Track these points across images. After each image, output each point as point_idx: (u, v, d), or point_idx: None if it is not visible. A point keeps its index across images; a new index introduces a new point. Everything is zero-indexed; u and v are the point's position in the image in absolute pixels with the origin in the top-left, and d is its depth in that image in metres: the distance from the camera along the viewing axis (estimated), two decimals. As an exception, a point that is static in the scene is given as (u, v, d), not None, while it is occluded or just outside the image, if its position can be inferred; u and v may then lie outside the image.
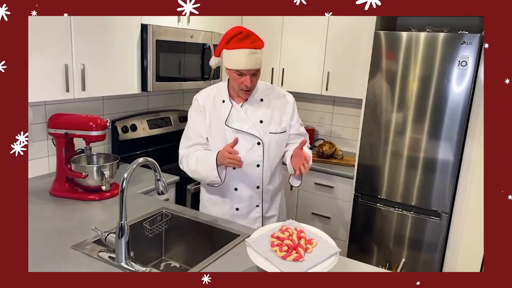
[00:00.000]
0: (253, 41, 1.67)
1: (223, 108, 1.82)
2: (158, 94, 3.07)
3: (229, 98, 1.83)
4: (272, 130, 1.82)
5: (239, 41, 1.66)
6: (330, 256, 1.34)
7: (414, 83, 2.57)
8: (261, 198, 1.89)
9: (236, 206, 1.88)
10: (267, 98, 1.84)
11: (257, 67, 1.70)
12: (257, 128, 1.79)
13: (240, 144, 1.73)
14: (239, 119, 1.80)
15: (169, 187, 2.07)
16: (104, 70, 2.23)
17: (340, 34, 2.96)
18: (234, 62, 1.68)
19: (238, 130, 1.78)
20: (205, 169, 1.75)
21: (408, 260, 2.77)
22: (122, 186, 1.34)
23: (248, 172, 1.82)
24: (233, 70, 1.70)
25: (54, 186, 2.03)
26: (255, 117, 1.81)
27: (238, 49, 1.65)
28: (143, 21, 2.40)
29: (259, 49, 1.69)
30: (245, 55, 1.65)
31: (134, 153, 2.81)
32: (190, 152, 1.84)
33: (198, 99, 1.87)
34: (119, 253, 1.39)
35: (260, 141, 1.80)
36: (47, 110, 2.28)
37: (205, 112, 1.84)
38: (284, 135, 1.87)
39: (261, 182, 1.86)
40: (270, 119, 1.82)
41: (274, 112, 1.84)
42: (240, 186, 1.86)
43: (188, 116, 1.91)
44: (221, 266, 1.43)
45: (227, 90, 1.84)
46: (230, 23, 3.16)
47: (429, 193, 2.64)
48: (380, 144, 2.73)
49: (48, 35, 1.91)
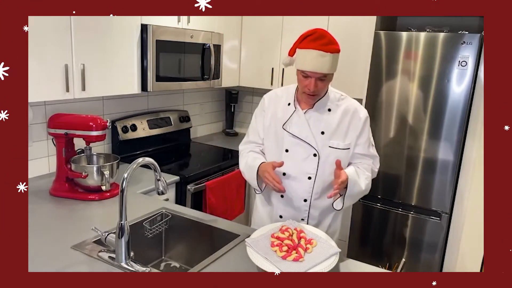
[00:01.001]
0: (326, 43, 1.56)
1: (286, 111, 1.73)
2: (158, 94, 3.07)
3: (295, 101, 1.73)
4: (333, 144, 1.68)
5: (311, 41, 1.57)
6: (330, 256, 1.34)
7: (414, 83, 2.57)
8: (308, 213, 1.75)
9: (280, 214, 1.79)
10: (335, 109, 1.70)
11: (323, 72, 1.57)
12: (316, 138, 1.67)
13: (295, 151, 1.69)
14: (299, 125, 1.69)
15: (169, 187, 2.07)
16: (104, 70, 2.22)
17: (340, 34, 2.94)
18: (300, 62, 1.60)
19: (295, 136, 1.69)
20: (249, 175, 1.75)
21: (408, 260, 2.77)
22: (122, 186, 1.34)
23: (297, 182, 1.71)
24: (300, 70, 1.62)
25: (54, 186, 2.03)
26: (317, 126, 1.68)
27: (308, 49, 1.57)
28: (143, 21, 2.40)
29: (331, 53, 1.56)
30: (312, 56, 1.56)
31: (134, 153, 2.81)
32: (245, 151, 1.84)
33: (265, 98, 1.83)
34: (119, 253, 1.39)
35: (317, 152, 1.68)
36: (47, 110, 2.28)
37: (268, 112, 1.78)
38: (346, 152, 1.70)
39: (309, 195, 1.72)
40: (334, 132, 1.68)
41: (340, 125, 1.69)
42: (286, 194, 1.75)
43: (254, 112, 1.89)
44: (221, 266, 1.43)
45: (295, 93, 1.75)
46: (230, 23, 3.16)
47: (429, 193, 2.64)
48: (380, 144, 2.73)
49: (48, 35, 1.91)
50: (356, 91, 2.93)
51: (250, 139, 1.87)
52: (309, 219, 1.76)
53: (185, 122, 3.23)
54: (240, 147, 1.91)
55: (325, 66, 1.56)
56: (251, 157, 1.78)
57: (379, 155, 1.84)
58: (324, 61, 1.55)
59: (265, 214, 1.87)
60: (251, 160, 1.77)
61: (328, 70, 1.58)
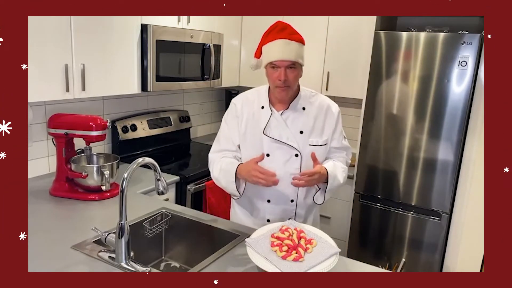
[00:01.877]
0: (290, 33, 1.58)
1: (262, 115, 1.70)
2: (158, 94, 3.07)
3: (269, 104, 1.71)
4: (313, 142, 1.70)
5: (276, 33, 1.57)
6: (330, 256, 1.34)
7: (414, 83, 2.57)
8: (295, 212, 1.76)
9: (268, 218, 1.78)
10: (309, 107, 1.71)
11: (290, 58, 1.56)
12: (297, 139, 1.68)
13: (276, 154, 1.67)
14: (278, 128, 1.68)
15: (169, 187, 2.06)
16: (104, 70, 2.23)
17: (340, 34, 2.96)
18: (267, 56, 1.59)
19: (277, 140, 1.67)
20: (226, 180, 1.69)
21: (408, 260, 2.76)
22: (122, 186, 1.34)
23: (283, 184, 1.68)
24: (268, 65, 1.60)
25: (54, 186, 2.03)
26: (295, 127, 1.69)
27: (273, 40, 1.57)
28: (143, 21, 2.40)
29: (296, 42, 1.57)
30: (278, 46, 1.56)
31: (134, 153, 2.81)
32: (217, 159, 1.76)
33: (236, 103, 1.77)
34: (119, 253, 1.39)
35: (299, 153, 1.68)
36: (47, 110, 2.28)
37: (242, 118, 1.73)
38: (324, 148, 1.73)
39: (295, 196, 1.74)
40: (311, 130, 1.70)
41: (316, 122, 1.71)
42: (273, 198, 1.74)
43: (223, 118, 1.82)
44: (221, 266, 1.43)
45: (267, 95, 1.73)
46: (230, 23, 3.16)
47: (429, 193, 2.64)
48: (380, 144, 2.73)
49: (48, 35, 1.91)
50: (356, 91, 2.93)
51: (222, 147, 1.79)
52: (296, 217, 1.77)
53: (185, 122, 3.24)
54: (210, 156, 1.83)
55: (292, 53, 1.57)
56: (225, 162, 1.72)
57: (380, 155, 1.84)
58: (290, 48, 1.56)
59: (249, 223, 1.81)
60: (225, 164, 1.71)
61: (295, 57, 1.58)
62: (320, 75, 3.08)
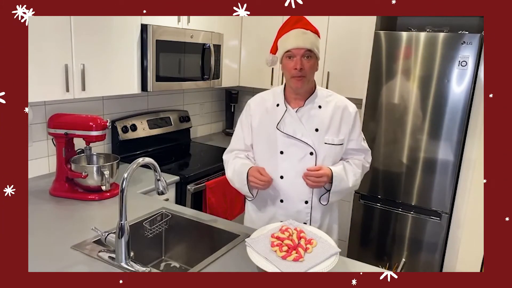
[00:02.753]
0: (306, 23, 1.59)
1: (277, 111, 1.69)
2: (158, 94, 3.07)
3: (285, 101, 1.69)
4: (328, 140, 1.65)
5: (291, 25, 1.58)
6: (330, 256, 1.33)
7: (414, 83, 2.57)
8: (310, 215, 1.71)
9: (281, 219, 1.70)
10: (326, 105, 1.68)
11: (306, 46, 1.55)
12: (312, 136, 1.64)
13: (290, 152, 1.65)
14: (293, 125, 1.65)
15: (169, 187, 2.07)
16: (104, 70, 2.23)
17: (340, 34, 2.96)
18: (283, 46, 1.59)
19: (290, 136, 1.64)
20: (239, 182, 1.69)
21: (408, 260, 2.77)
22: (122, 186, 1.34)
23: (296, 184, 1.65)
24: (284, 55, 1.60)
25: (54, 186, 2.03)
26: (311, 124, 1.65)
27: (289, 31, 1.58)
28: (143, 21, 2.40)
29: (312, 32, 1.58)
30: (294, 35, 1.56)
31: (134, 153, 2.81)
32: (230, 160, 1.77)
33: (250, 103, 1.77)
34: (119, 253, 1.39)
35: (313, 151, 1.64)
36: (47, 110, 2.28)
37: (255, 115, 1.73)
38: (340, 148, 1.69)
39: (310, 196, 1.69)
40: (327, 129, 1.66)
41: (333, 121, 1.67)
42: (286, 198, 1.70)
43: (238, 119, 1.82)
44: (221, 266, 1.43)
45: (283, 93, 1.71)
46: (230, 23, 3.16)
47: (429, 193, 2.64)
48: (380, 144, 2.73)
49: (48, 35, 1.91)
50: (356, 91, 2.93)
51: (233, 146, 1.81)
52: (311, 221, 1.73)
53: (185, 122, 3.23)
54: (224, 157, 1.83)
55: (308, 41, 1.57)
56: (238, 164, 1.72)
57: (380, 155, 1.84)
58: (306, 37, 1.57)
59: (260, 222, 1.78)
60: (238, 166, 1.71)
61: (311, 46, 1.57)
62: (320, 75, 3.08)
